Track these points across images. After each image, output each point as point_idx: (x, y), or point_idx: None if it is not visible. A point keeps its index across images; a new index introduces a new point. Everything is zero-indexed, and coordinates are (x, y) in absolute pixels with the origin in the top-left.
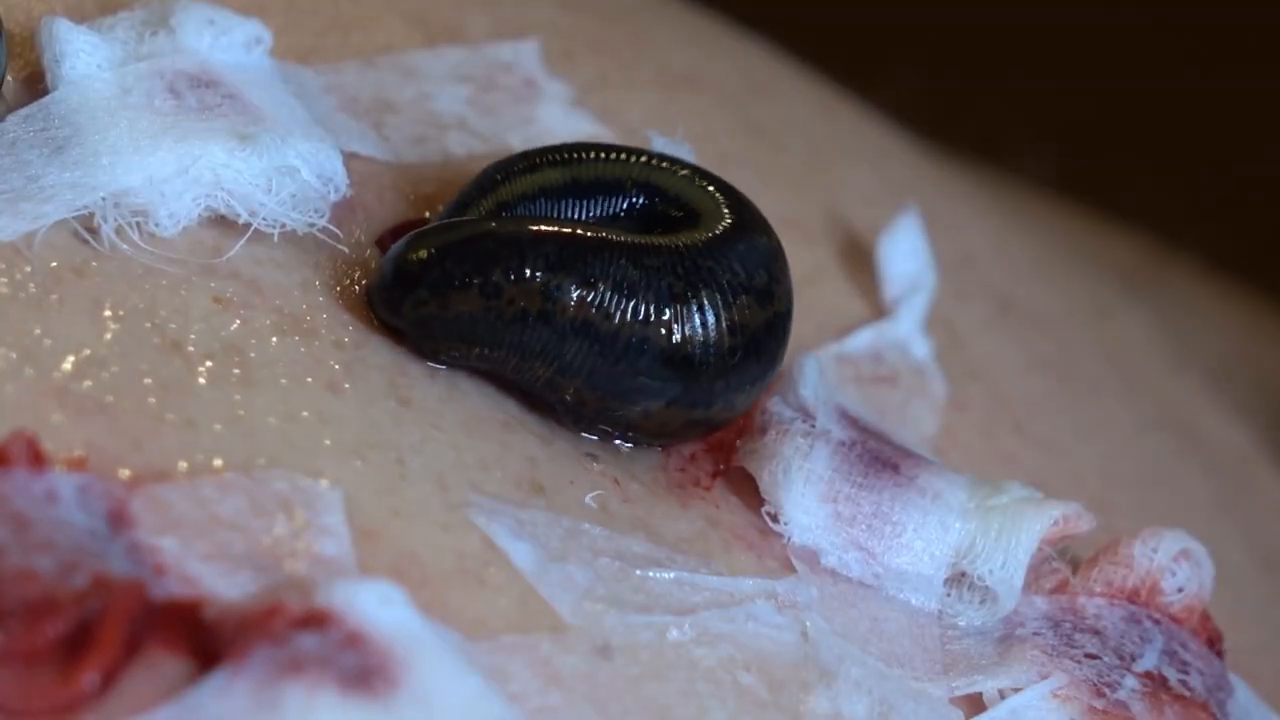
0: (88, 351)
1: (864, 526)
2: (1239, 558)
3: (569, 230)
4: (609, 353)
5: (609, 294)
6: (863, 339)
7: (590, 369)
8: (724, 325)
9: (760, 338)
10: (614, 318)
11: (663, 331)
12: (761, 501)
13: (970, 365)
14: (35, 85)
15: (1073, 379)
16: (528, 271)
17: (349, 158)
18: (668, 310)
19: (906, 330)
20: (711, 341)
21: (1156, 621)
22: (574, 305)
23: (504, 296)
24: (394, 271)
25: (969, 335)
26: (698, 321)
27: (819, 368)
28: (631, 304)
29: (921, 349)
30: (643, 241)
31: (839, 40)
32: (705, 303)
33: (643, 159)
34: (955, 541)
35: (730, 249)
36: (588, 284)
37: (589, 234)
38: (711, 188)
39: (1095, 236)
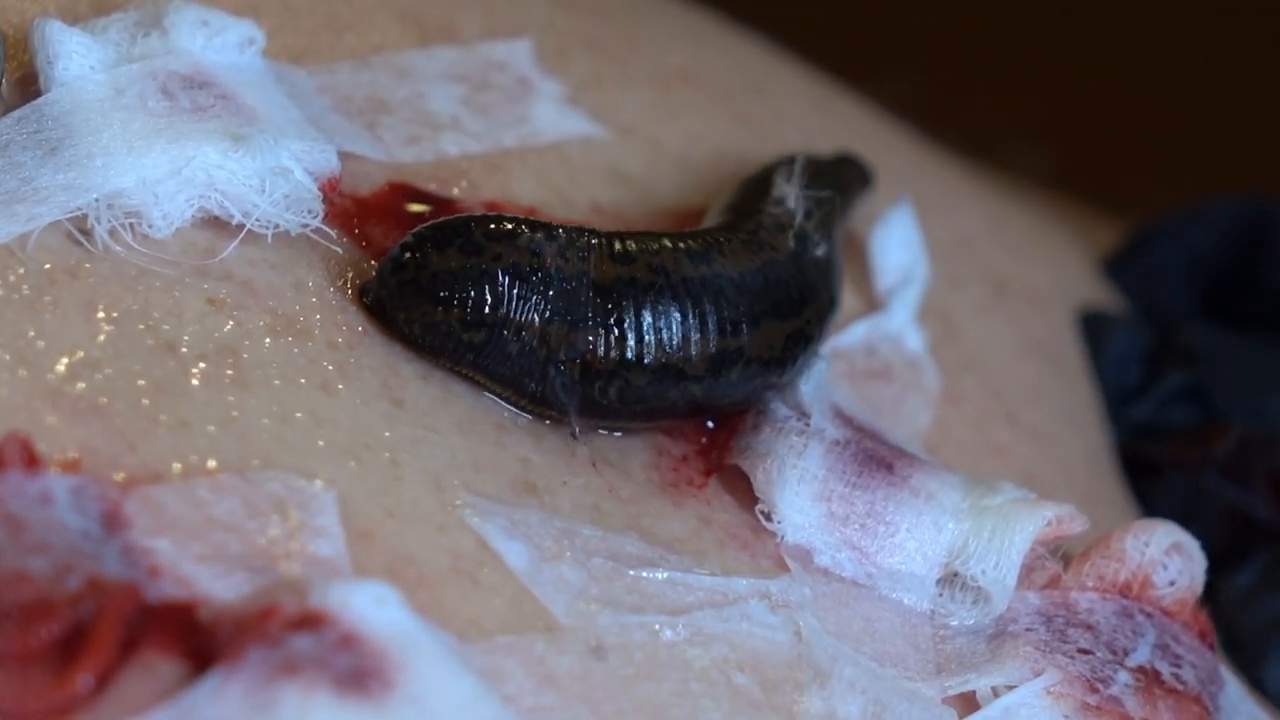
0: (81, 353)
1: (857, 526)
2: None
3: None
4: (562, 285)
5: (565, 244)
6: (856, 333)
7: (548, 304)
8: (647, 265)
9: (695, 292)
10: (568, 259)
11: (593, 264)
12: (755, 500)
13: (964, 356)
14: (28, 87)
15: (1064, 362)
16: (508, 225)
17: (342, 157)
18: (597, 254)
19: (900, 323)
20: (642, 284)
21: (1149, 615)
22: (547, 255)
23: (486, 253)
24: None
25: (963, 324)
26: (614, 262)
27: (826, 367)
28: (578, 251)
29: (915, 341)
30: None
31: (835, 37)
32: (643, 262)
33: None
34: (948, 542)
35: (728, 273)
36: (552, 238)
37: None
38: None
39: (1087, 223)
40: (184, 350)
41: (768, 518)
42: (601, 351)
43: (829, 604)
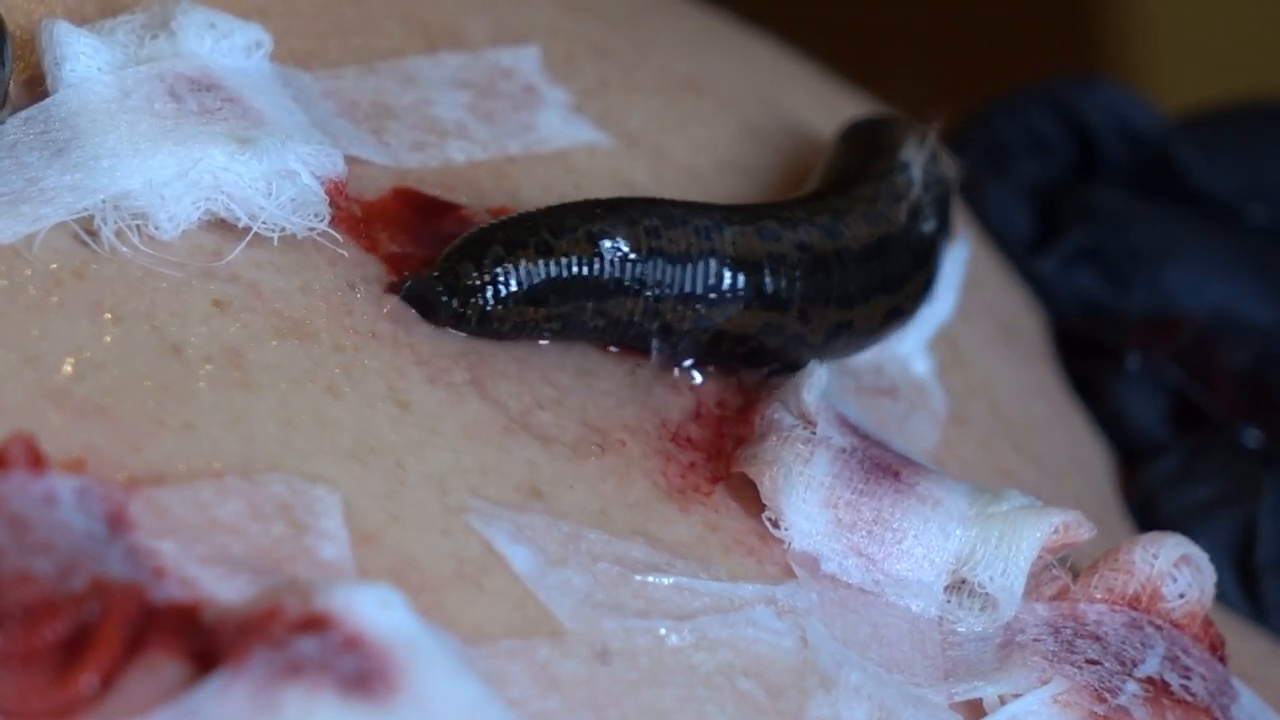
0: (87, 354)
1: (864, 533)
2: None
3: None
4: (686, 267)
5: (669, 226)
6: (866, 351)
7: (674, 287)
8: (793, 241)
9: (828, 265)
10: (679, 242)
11: (729, 243)
12: (762, 507)
13: (972, 383)
14: (36, 88)
15: (1071, 417)
16: (570, 222)
17: (349, 162)
18: (728, 230)
19: (910, 347)
20: (783, 255)
21: (1158, 627)
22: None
23: (556, 250)
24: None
25: (972, 353)
26: (761, 239)
27: (828, 374)
28: (691, 228)
29: (922, 366)
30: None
31: (842, 36)
32: (780, 232)
33: None
34: (956, 548)
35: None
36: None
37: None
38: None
39: None
40: (190, 352)
41: (774, 524)
42: (738, 319)
43: (835, 610)
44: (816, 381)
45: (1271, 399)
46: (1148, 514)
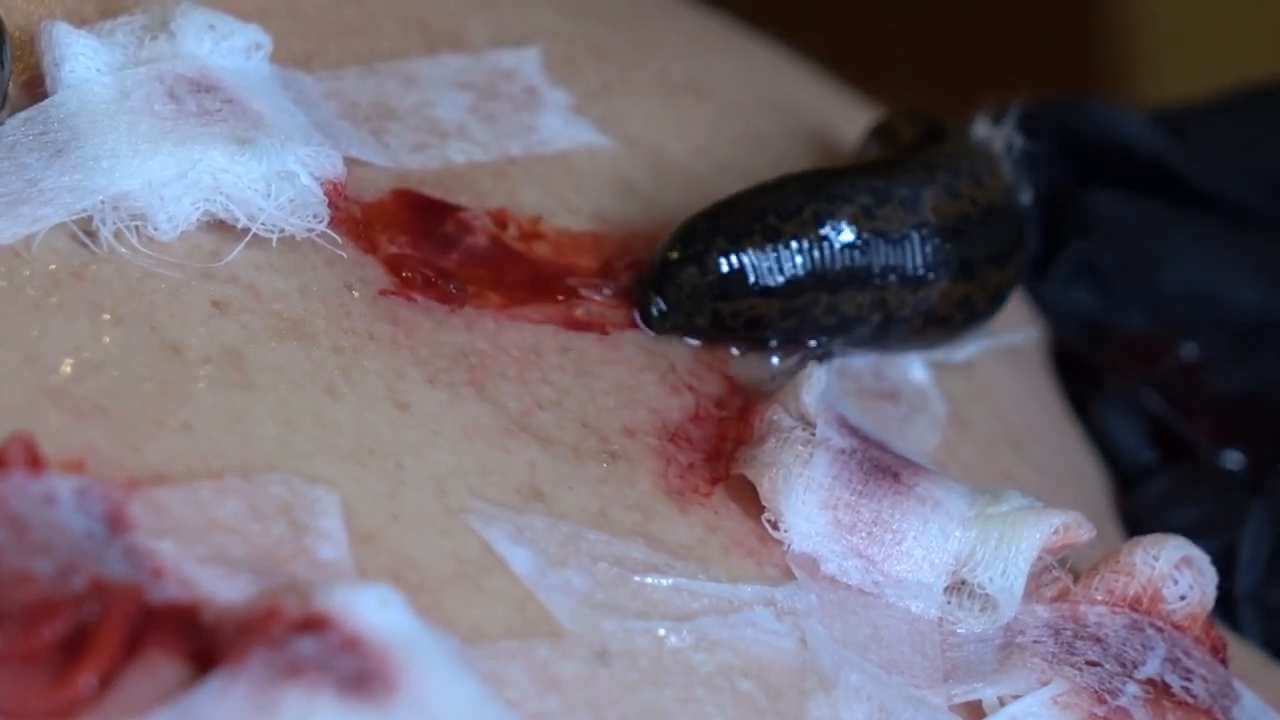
0: (86, 354)
1: (864, 534)
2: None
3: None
4: (904, 246)
5: (880, 203)
6: (866, 354)
7: (896, 270)
8: (970, 197)
9: (988, 218)
10: (892, 219)
11: (930, 209)
12: (761, 508)
13: (973, 388)
14: (35, 89)
15: (1067, 428)
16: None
17: (348, 163)
18: (925, 194)
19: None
20: (967, 214)
21: (1159, 629)
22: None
23: (784, 235)
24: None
25: (974, 360)
26: (953, 192)
27: (827, 376)
28: (898, 201)
29: (919, 373)
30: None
31: (839, 38)
32: (952, 183)
33: None
34: (955, 549)
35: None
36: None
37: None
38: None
39: None
40: (189, 353)
41: (774, 526)
42: (945, 296)
43: (835, 611)
44: (816, 383)
45: (1259, 425)
46: (1134, 536)
